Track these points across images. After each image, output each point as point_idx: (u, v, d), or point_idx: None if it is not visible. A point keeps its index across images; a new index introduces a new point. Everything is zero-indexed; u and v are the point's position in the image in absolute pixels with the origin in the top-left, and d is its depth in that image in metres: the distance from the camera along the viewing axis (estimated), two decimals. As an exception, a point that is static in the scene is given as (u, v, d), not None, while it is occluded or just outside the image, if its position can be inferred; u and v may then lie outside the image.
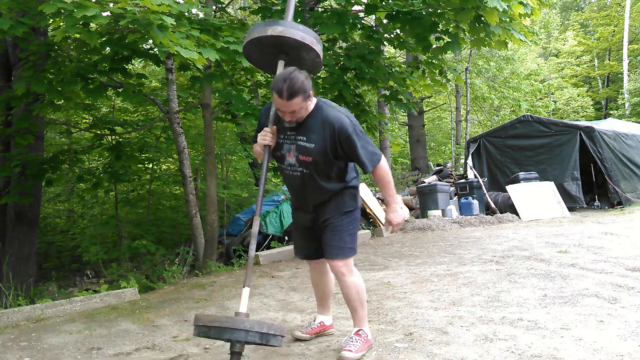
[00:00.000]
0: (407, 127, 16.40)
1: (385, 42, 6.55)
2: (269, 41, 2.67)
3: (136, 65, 10.23)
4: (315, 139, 2.55)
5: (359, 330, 2.75)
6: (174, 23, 3.68)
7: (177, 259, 8.14)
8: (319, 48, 2.71)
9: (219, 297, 4.46)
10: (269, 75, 7.16)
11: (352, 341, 2.68)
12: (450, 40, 5.31)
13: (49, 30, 6.68)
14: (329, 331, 3.09)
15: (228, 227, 9.85)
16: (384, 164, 2.62)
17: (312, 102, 2.59)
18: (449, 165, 15.19)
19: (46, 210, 12.41)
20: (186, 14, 4.65)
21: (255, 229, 2.61)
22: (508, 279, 4.08)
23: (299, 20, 5.83)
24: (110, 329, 3.61)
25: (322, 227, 2.72)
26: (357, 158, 2.56)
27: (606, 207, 9.69)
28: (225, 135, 11.67)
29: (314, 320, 3.09)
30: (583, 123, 11.13)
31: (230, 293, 4.60)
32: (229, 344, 2.35)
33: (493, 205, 9.55)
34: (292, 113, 2.50)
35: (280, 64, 2.73)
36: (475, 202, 9.41)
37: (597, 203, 9.92)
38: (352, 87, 6.51)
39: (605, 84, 28.06)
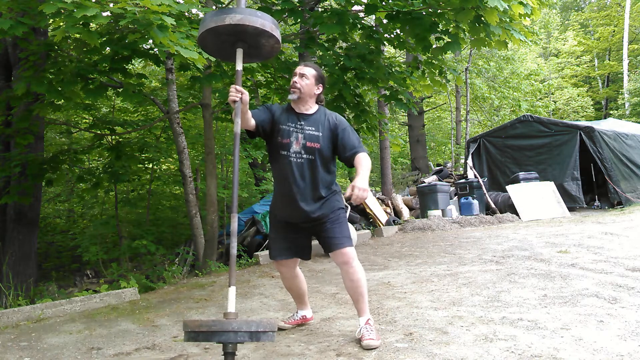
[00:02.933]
0: (407, 127, 16.40)
1: (385, 42, 6.55)
2: (227, 30, 2.61)
3: (136, 65, 10.24)
4: (322, 129, 2.93)
5: (369, 319, 2.94)
6: (174, 23, 3.68)
7: (177, 259, 8.14)
8: (278, 34, 2.70)
9: (219, 297, 4.46)
10: (269, 75, 7.19)
11: (369, 330, 2.86)
12: (450, 40, 5.31)
13: (49, 30, 6.68)
14: (309, 322, 3.35)
15: (228, 227, 9.85)
16: (365, 155, 2.90)
17: (319, 91, 3.00)
18: (449, 165, 15.20)
19: (46, 210, 12.42)
20: (186, 14, 4.66)
21: (234, 224, 2.54)
22: (508, 279, 4.08)
23: (299, 20, 5.84)
24: (110, 329, 3.61)
25: (320, 225, 2.94)
26: (350, 141, 2.91)
27: (606, 207, 9.69)
28: (225, 135, 11.67)
29: (296, 313, 3.33)
30: (583, 123, 11.13)
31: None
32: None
33: (493, 205, 9.56)
34: (301, 76, 2.95)
35: (239, 52, 2.71)
36: (475, 202, 9.41)
37: (597, 203, 9.92)
38: (352, 87, 6.51)
39: (605, 84, 28.06)
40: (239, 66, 2.70)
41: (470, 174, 10.78)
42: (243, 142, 11.07)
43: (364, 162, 2.84)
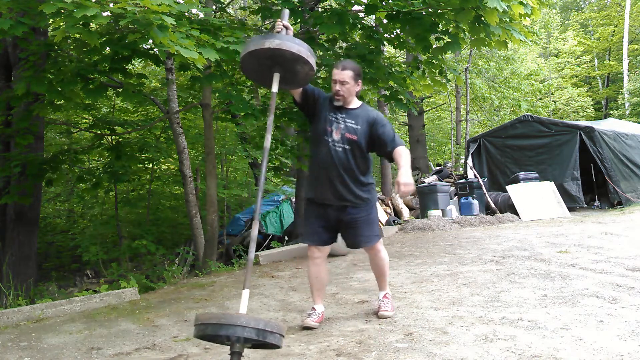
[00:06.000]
0: (407, 127, 16.40)
1: (385, 42, 6.54)
2: (266, 54, 2.78)
3: (136, 65, 10.23)
4: (361, 123, 3.15)
5: (386, 293, 3.39)
6: (174, 23, 3.68)
7: (177, 259, 8.15)
8: (313, 61, 2.86)
9: (219, 297, 4.46)
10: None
11: (385, 303, 3.33)
12: (450, 40, 5.31)
13: (49, 30, 6.68)
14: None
15: (228, 227, 9.86)
16: (404, 149, 3.11)
17: (359, 88, 3.20)
18: (449, 165, 15.19)
19: (46, 210, 12.42)
20: (186, 14, 4.65)
21: (254, 231, 2.66)
22: (508, 279, 4.08)
23: (299, 20, 5.84)
24: (110, 329, 3.61)
25: (353, 222, 3.19)
26: (389, 137, 3.11)
27: (606, 207, 9.68)
28: (225, 135, 11.68)
29: (316, 310, 3.34)
30: (583, 123, 11.12)
31: (230, 293, 4.60)
32: (229, 344, 2.36)
33: (493, 205, 9.55)
34: (342, 84, 3.12)
35: (276, 77, 2.87)
36: (475, 202, 9.41)
37: (597, 203, 9.91)
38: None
39: (605, 84, 28.05)
40: (275, 88, 2.88)
41: (470, 174, 10.77)
42: (243, 142, 11.08)
43: (403, 156, 3.05)
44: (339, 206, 3.16)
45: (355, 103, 3.23)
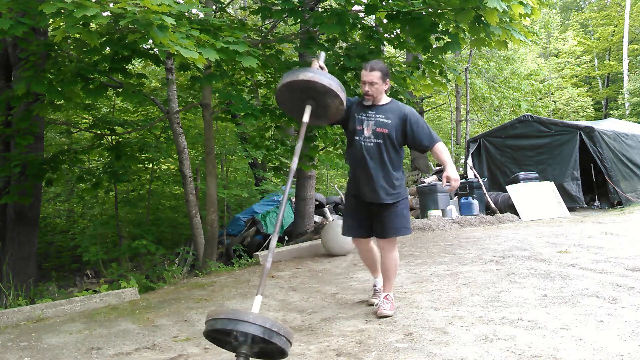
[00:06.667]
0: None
1: (385, 42, 6.54)
2: (299, 86, 3.02)
3: (136, 65, 10.24)
4: (392, 117, 3.30)
5: (387, 295, 3.41)
6: (174, 23, 3.68)
7: (177, 259, 8.15)
8: (343, 96, 3.07)
9: (219, 297, 4.46)
10: (269, 76, 7.19)
11: (384, 303, 3.36)
12: (450, 40, 5.30)
13: (49, 30, 6.68)
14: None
15: (228, 227, 9.86)
16: (442, 145, 3.31)
17: (387, 87, 3.34)
18: (449, 165, 15.14)
19: (46, 210, 12.42)
20: (186, 14, 4.65)
21: (273, 242, 2.81)
22: (508, 279, 4.08)
23: (299, 20, 5.84)
24: (110, 329, 3.61)
25: (385, 213, 3.32)
26: (425, 133, 3.29)
27: (606, 207, 9.68)
28: (225, 135, 11.68)
29: (376, 285, 3.66)
30: (583, 123, 11.11)
31: (230, 293, 4.60)
32: (235, 345, 2.38)
33: (493, 205, 9.55)
34: (371, 84, 3.26)
35: (308, 109, 3.08)
36: (475, 202, 9.40)
37: (597, 203, 9.91)
38: (352, 87, 6.51)
39: (605, 84, 28.04)
40: (306, 118, 3.09)
41: (470, 174, 10.77)
42: (243, 142, 11.08)
43: (444, 152, 3.28)
44: (374, 200, 3.32)
45: (384, 100, 3.38)
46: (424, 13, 5.35)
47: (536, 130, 10.45)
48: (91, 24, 3.84)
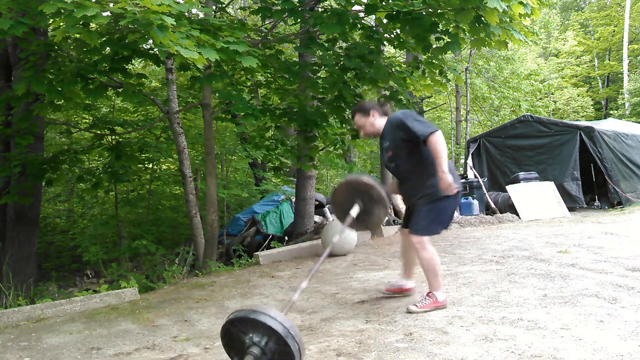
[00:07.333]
0: (407, 127, 16.37)
1: (385, 42, 6.54)
2: (358, 187, 3.33)
3: (136, 65, 10.24)
4: (389, 136, 3.43)
5: (430, 292, 3.42)
6: (174, 23, 3.68)
7: (177, 259, 8.14)
8: (387, 212, 3.38)
9: (219, 297, 4.46)
10: (269, 75, 7.20)
11: (421, 299, 3.40)
12: (450, 40, 5.30)
13: (49, 30, 6.68)
14: (406, 293, 3.78)
15: (228, 227, 9.86)
16: (438, 137, 3.19)
17: (374, 116, 3.45)
18: (449, 165, 15.13)
19: (46, 210, 12.42)
20: (186, 14, 4.65)
21: (316, 267, 3.02)
22: (508, 279, 4.08)
23: (299, 20, 5.84)
24: (110, 329, 3.61)
25: (414, 211, 3.45)
26: (412, 131, 3.25)
27: (606, 207, 9.68)
28: (225, 135, 11.68)
29: (397, 282, 3.82)
30: (583, 123, 11.11)
31: (230, 293, 4.60)
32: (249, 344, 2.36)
33: (493, 205, 9.55)
34: (360, 128, 3.53)
35: (356, 206, 3.33)
36: (475, 202, 9.40)
37: (597, 203, 9.91)
38: (352, 87, 6.50)
39: (605, 84, 28.04)
40: (354, 213, 3.31)
41: (470, 174, 10.77)
42: (243, 142, 11.08)
43: (436, 148, 3.18)
44: (410, 202, 3.53)
45: (381, 124, 3.50)
46: (424, 13, 5.35)
47: (536, 130, 10.45)
48: (91, 24, 3.84)
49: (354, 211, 3.30)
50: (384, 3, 5.57)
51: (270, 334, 2.28)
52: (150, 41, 4.18)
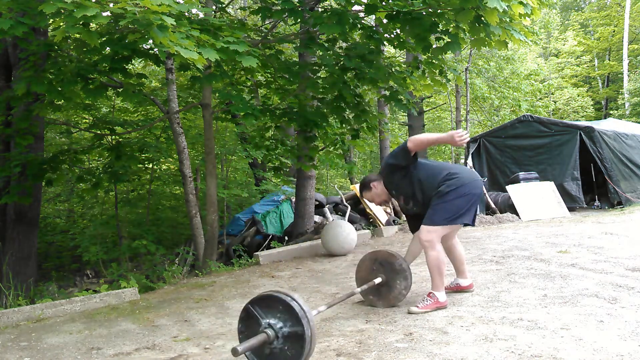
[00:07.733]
0: (407, 127, 16.39)
1: (385, 42, 6.53)
2: (382, 258, 3.62)
3: (136, 65, 10.24)
4: (393, 187, 3.64)
5: (431, 292, 3.46)
6: (174, 23, 3.68)
7: (177, 259, 8.14)
8: (410, 281, 3.59)
9: (219, 297, 4.46)
10: (269, 75, 7.20)
11: (422, 300, 3.46)
12: (450, 40, 5.29)
13: (49, 30, 6.68)
14: (466, 290, 3.80)
15: (228, 227, 9.86)
16: (411, 138, 3.46)
17: (380, 185, 3.63)
18: (449, 165, 15.12)
19: (46, 210, 12.42)
20: (186, 14, 4.64)
21: (352, 291, 3.32)
22: (508, 279, 4.08)
23: (299, 20, 5.83)
24: (110, 329, 3.61)
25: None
26: (394, 155, 3.54)
27: (606, 207, 9.67)
28: (225, 135, 11.68)
29: (453, 281, 3.85)
30: (583, 123, 11.10)
31: (230, 293, 4.60)
32: (229, 345, 2.39)
33: (493, 205, 9.55)
34: (371, 201, 3.77)
35: (377, 279, 3.54)
36: (475, 202, 9.39)
37: (597, 203, 9.90)
38: (352, 87, 6.50)
39: (605, 84, 28.04)
40: (378, 281, 3.56)
41: (470, 174, 10.75)
42: (243, 142, 11.08)
43: (419, 136, 3.47)
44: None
45: (384, 189, 3.68)
46: (424, 13, 5.34)
47: (536, 130, 10.45)
48: (91, 24, 3.84)
49: (377, 280, 3.53)
50: (384, 3, 5.57)
51: (289, 314, 2.41)
52: (150, 41, 4.17)
